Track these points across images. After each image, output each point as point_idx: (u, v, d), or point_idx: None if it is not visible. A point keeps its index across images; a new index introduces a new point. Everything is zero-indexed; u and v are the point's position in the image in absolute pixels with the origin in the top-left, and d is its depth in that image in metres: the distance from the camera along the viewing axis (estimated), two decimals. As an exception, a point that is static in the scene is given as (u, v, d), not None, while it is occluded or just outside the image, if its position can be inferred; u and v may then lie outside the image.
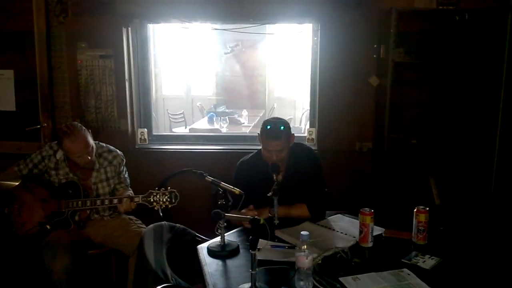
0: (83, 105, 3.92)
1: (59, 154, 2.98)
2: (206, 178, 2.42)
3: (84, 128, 2.92)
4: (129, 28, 3.88)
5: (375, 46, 3.74)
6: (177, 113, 8.09)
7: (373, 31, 3.73)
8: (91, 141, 2.92)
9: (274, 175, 2.48)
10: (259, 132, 2.73)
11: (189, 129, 6.89)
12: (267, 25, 4.56)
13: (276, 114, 8.17)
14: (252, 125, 7.00)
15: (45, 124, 3.87)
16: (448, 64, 3.64)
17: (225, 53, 8.14)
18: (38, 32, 3.77)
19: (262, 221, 1.98)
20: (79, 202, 2.87)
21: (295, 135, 2.74)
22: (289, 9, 3.75)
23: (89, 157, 2.90)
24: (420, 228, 2.26)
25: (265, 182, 2.56)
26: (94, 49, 3.83)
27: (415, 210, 2.29)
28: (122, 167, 3.13)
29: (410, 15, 3.58)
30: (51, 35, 3.82)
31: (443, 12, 3.56)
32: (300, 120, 7.66)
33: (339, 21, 3.73)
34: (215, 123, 6.72)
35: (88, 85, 3.88)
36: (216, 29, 4.30)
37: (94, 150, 2.96)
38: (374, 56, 3.76)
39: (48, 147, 3.04)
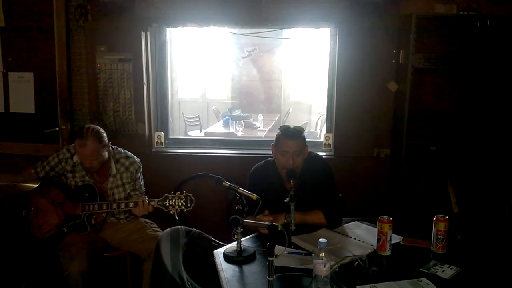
0: (101, 109, 3.95)
1: (76, 157, 2.98)
2: (224, 183, 2.41)
3: (101, 138, 2.89)
4: (148, 32, 3.90)
5: (394, 51, 3.70)
6: (193, 116, 8.12)
7: (392, 36, 3.70)
8: (100, 152, 2.88)
9: (291, 181, 2.47)
10: (272, 143, 2.72)
11: (205, 133, 6.90)
12: (283, 30, 4.54)
13: (292, 118, 8.16)
14: (268, 129, 6.99)
15: (64, 127, 3.91)
16: (468, 70, 3.58)
17: (243, 57, 8.13)
18: (58, 36, 3.82)
19: (280, 228, 1.97)
20: (95, 205, 2.88)
21: (308, 144, 2.76)
22: (307, 14, 3.73)
23: (92, 165, 2.89)
24: (439, 237, 2.23)
25: (277, 189, 2.56)
26: (113, 52, 3.86)
27: (434, 218, 2.26)
28: (139, 174, 3.13)
29: (430, 21, 3.54)
30: (70, 39, 3.87)
31: (464, 17, 3.51)
32: (316, 125, 7.63)
33: (358, 25, 3.71)
34: (230, 127, 6.73)
35: (106, 89, 3.91)
36: (233, 33, 4.30)
37: (103, 159, 2.94)
38: (393, 61, 3.73)
39: (66, 150, 3.05)
